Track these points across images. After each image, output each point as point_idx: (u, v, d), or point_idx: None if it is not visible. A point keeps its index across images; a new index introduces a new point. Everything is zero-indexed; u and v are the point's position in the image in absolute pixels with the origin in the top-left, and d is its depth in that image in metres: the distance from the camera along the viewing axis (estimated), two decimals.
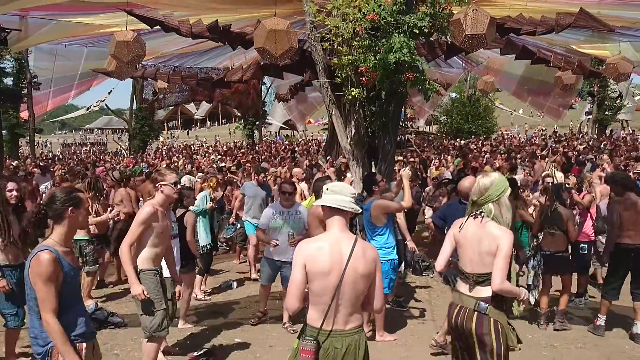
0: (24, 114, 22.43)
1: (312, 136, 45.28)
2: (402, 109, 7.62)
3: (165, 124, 58.07)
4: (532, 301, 5.81)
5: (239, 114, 36.76)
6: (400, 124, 8.12)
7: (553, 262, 5.84)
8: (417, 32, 6.12)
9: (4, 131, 12.71)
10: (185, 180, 6.58)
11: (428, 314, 6.24)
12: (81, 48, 18.71)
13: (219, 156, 21.52)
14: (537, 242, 6.10)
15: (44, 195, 8.43)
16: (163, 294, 4.15)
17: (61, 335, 2.68)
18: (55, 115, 40.51)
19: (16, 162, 18.02)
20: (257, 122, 27.58)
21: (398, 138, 8.61)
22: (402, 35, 6.01)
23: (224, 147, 31.42)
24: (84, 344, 2.83)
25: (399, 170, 7.60)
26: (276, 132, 46.09)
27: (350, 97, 6.52)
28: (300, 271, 2.65)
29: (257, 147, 25.40)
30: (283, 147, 28.18)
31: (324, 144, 25.54)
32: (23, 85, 16.09)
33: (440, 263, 3.37)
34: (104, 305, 6.27)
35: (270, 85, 28.45)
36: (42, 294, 2.67)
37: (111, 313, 5.79)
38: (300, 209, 5.83)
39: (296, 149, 26.60)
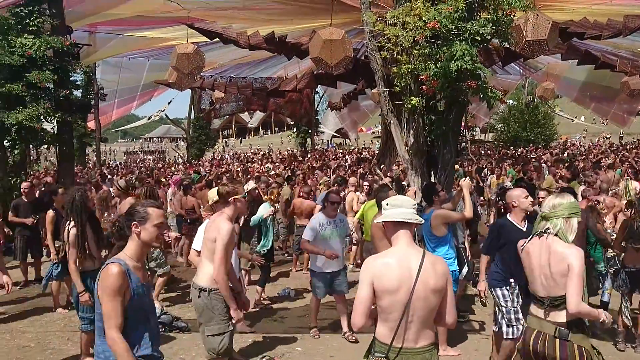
0: (91, 124, 23.68)
1: (364, 144, 45.19)
2: (463, 118, 7.45)
3: (220, 133, 59.57)
4: (628, 323, 5.44)
5: (292, 123, 37.23)
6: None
7: (639, 279, 5.47)
8: (479, 39, 5.98)
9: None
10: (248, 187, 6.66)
11: (489, 328, 6.03)
12: (144, 61, 19.61)
13: (274, 164, 21.78)
14: (618, 258, 5.71)
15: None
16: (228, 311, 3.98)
17: (127, 353, 2.52)
18: (118, 125, 42.44)
19: (85, 168, 19.02)
20: (310, 131, 27.76)
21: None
22: (463, 42, 5.88)
23: (279, 154, 31.86)
24: None
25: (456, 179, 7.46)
26: (328, 141, 46.32)
27: (409, 105, 6.43)
28: (367, 288, 2.59)
29: (310, 156, 25.57)
30: (334, 156, 28.22)
31: (376, 152, 25.39)
32: (91, 97, 16.99)
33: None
34: (168, 310, 6.44)
35: (323, 94, 28.69)
36: (107, 308, 2.53)
37: (176, 317, 5.93)
38: (343, 217, 6.08)
39: (347, 157, 26.53)
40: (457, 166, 12.85)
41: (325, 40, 10.07)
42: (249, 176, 15.42)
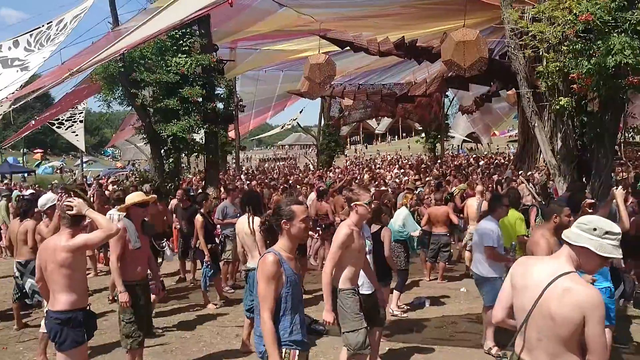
0: (231, 134, 25.54)
1: (497, 149, 42.87)
2: (621, 118, 6.71)
3: (348, 139, 60.64)
4: None
5: (420, 128, 36.59)
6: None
7: None
8: None
9: None
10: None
11: None
12: (278, 72, 20.77)
13: (402, 170, 21.57)
14: None
15: None
16: (361, 311, 4.09)
17: (272, 334, 2.73)
18: (254, 134, 45.35)
19: (226, 175, 20.59)
20: (439, 136, 27.05)
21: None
22: (622, 35, 5.29)
23: (407, 160, 31.54)
24: (297, 352, 2.82)
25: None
26: (458, 146, 44.75)
27: (557, 107, 5.95)
28: (507, 280, 2.57)
29: (440, 162, 24.89)
30: (466, 162, 27.13)
31: (512, 157, 23.92)
32: (232, 108, 18.35)
33: None
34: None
35: (453, 98, 27.79)
36: (263, 292, 2.76)
37: (315, 320, 6.08)
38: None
39: (481, 162, 25.34)
40: None
41: (458, 42, 9.73)
42: (376, 182, 15.42)
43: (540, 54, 6.01)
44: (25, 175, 36.01)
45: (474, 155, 35.06)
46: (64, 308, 3.64)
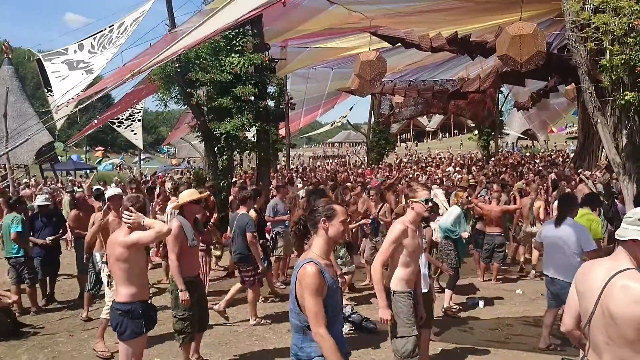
0: (282, 132, 25.83)
1: (554, 146, 41.27)
2: None
3: (398, 137, 60.03)
4: None
5: (473, 125, 35.74)
6: None
7: None
8: None
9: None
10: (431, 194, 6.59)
11: None
12: (328, 70, 20.83)
13: (457, 168, 21.12)
14: None
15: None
16: (415, 315, 3.91)
17: (335, 350, 2.53)
18: (304, 131, 45.67)
19: (277, 172, 20.87)
20: (493, 133, 26.29)
21: None
22: None
23: (459, 158, 30.89)
24: None
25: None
26: (513, 143, 43.36)
27: (622, 102, 5.65)
28: (572, 287, 2.51)
29: (493, 159, 24.20)
30: (521, 160, 26.25)
31: (572, 155, 22.99)
32: (282, 106, 18.55)
33: None
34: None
35: (508, 94, 26.95)
36: (313, 307, 2.55)
37: (366, 318, 6.08)
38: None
39: (537, 161, 24.46)
40: None
41: (514, 35, 9.44)
42: (428, 180, 15.19)
43: (604, 46, 5.73)
44: (88, 172, 37.83)
45: (529, 153, 33.89)
46: (125, 300, 3.82)
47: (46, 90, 16.68)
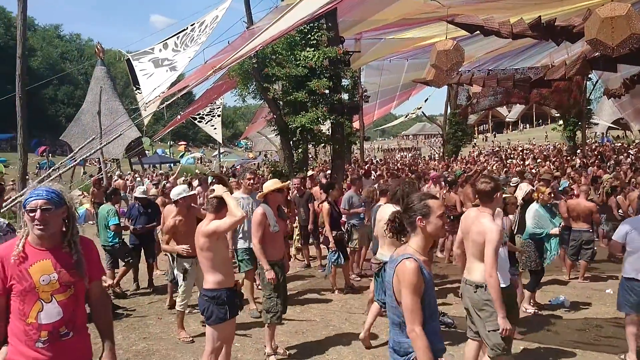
0: (356, 124, 25.83)
1: None
2: None
3: (476, 128, 58.02)
4: None
5: (557, 115, 33.80)
6: None
7: None
8: None
9: None
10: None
11: None
12: (403, 61, 20.51)
13: (538, 161, 20.15)
14: None
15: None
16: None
17: (427, 350, 2.50)
18: (377, 124, 45.38)
19: (351, 165, 20.96)
20: (580, 123, 24.73)
21: None
22: None
23: (542, 150, 29.41)
24: None
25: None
26: (603, 133, 40.55)
27: None
28: None
29: (580, 151, 22.79)
30: (611, 151, 24.51)
31: None
32: (356, 99, 18.54)
33: None
34: None
35: (597, 81, 25.25)
36: (410, 305, 2.53)
37: (442, 313, 5.98)
38: None
39: (631, 152, 22.76)
40: None
41: (605, 18, 8.80)
42: (508, 173, 14.58)
43: None
44: (172, 165, 39.91)
45: (620, 144, 31.53)
46: (211, 287, 4.04)
47: (135, 89, 17.80)
